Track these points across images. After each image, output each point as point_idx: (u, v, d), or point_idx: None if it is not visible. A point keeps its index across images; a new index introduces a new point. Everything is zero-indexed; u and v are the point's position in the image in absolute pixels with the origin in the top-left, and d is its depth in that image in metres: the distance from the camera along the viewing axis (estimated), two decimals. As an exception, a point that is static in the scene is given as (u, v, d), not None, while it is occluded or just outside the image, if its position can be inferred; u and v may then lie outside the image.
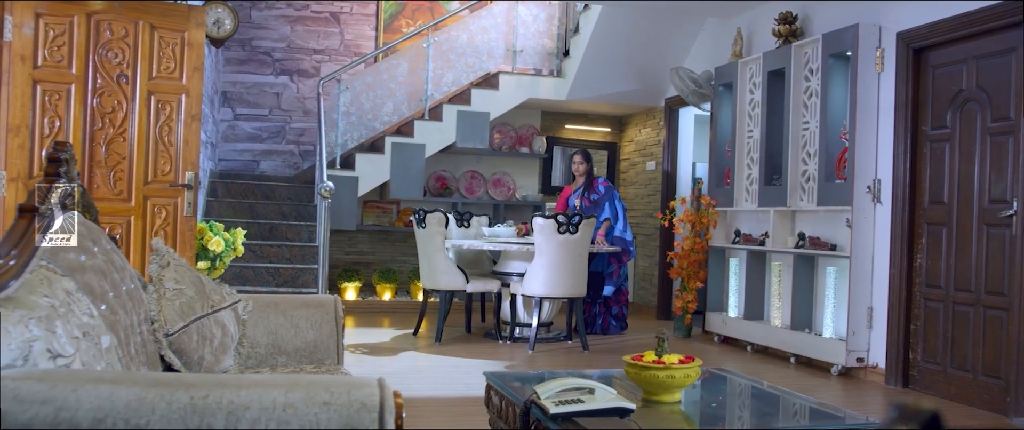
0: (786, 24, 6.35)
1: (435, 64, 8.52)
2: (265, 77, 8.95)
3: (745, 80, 6.81)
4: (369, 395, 1.58)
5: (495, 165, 9.49)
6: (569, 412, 2.30)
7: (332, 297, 3.04)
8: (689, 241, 7.24)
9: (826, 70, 5.86)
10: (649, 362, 2.58)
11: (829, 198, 5.78)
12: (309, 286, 6.92)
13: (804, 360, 6.01)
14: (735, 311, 6.90)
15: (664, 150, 8.62)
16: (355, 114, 8.44)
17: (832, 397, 5.13)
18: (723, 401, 2.89)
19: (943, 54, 5.17)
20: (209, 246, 5.06)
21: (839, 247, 5.79)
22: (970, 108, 4.97)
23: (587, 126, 9.84)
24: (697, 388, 2.99)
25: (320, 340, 2.91)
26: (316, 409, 1.55)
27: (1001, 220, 4.68)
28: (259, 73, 8.94)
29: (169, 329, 2.48)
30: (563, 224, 6.10)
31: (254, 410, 1.53)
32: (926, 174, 5.27)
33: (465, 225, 7.56)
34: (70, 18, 4.61)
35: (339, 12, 9.15)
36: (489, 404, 2.95)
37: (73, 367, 1.69)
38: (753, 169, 6.65)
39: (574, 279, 6.27)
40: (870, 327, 5.56)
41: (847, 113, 5.74)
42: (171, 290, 2.57)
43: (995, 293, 4.73)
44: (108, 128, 4.73)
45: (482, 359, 5.92)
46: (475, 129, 8.44)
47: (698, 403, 2.75)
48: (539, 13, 8.86)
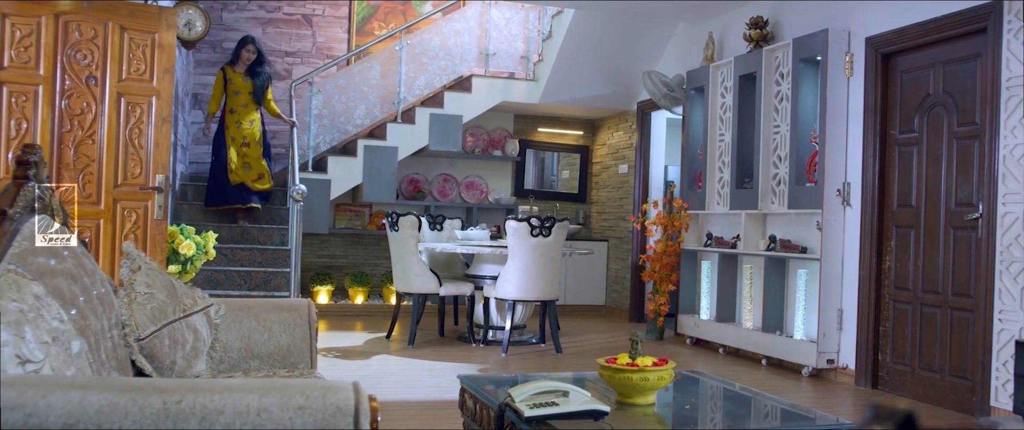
0: (757, 29, 6.41)
1: (408, 67, 8.51)
2: (236, 79, 8.86)
3: (716, 84, 6.87)
4: (344, 399, 1.57)
5: (468, 168, 9.49)
6: (544, 414, 2.30)
7: (305, 301, 3.02)
8: (661, 244, 7.28)
9: (796, 74, 5.92)
10: (623, 365, 2.60)
11: (800, 201, 5.84)
12: (281, 290, 6.87)
13: (775, 362, 6.06)
14: (707, 313, 6.95)
15: (636, 153, 8.66)
16: (327, 117, 8.41)
17: (803, 398, 5.18)
18: (697, 403, 2.91)
19: (911, 59, 5.25)
20: (180, 250, 5.01)
21: (810, 250, 5.85)
22: (937, 112, 5.04)
23: (560, 129, 9.86)
24: (671, 390, 3.00)
25: (293, 344, 2.89)
26: (291, 413, 1.54)
27: (967, 223, 4.76)
28: (230, 75, 8.85)
29: (140, 334, 2.46)
30: (536, 227, 6.11)
31: (228, 414, 1.52)
32: (895, 177, 5.34)
33: (438, 228, 7.55)
34: (37, 18, 4.54)
35: (311, 14, 9.10)
36: (463, 407, 2.95)
37: (43, 372, 1.67)
38: (725, 172, 6.70)
39: (547, 282, 6.28)
40: (840, 329, 5.63)
41: (817, 117, 5.81)
42: (142, 294, 2.55)
43: (962, 295, 4.80)
44: (77, 130, 4.66)
45: (455, 362, 5.91)
46: (448, 132, 8.43)
47: (672, 405, 2.77)
48: (512, 16, 8.87)
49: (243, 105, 7.56)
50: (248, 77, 7.58)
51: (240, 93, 7.56)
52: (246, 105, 7.56)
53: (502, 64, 8.81)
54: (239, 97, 7.56)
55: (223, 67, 7.64)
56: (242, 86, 7.56)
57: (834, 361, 5.62)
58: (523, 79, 8.78)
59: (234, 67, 7.60)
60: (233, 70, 7.58)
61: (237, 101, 7.56)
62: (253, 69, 7.59)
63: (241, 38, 7.71)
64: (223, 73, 7.59)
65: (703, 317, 6.97)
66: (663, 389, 2.88)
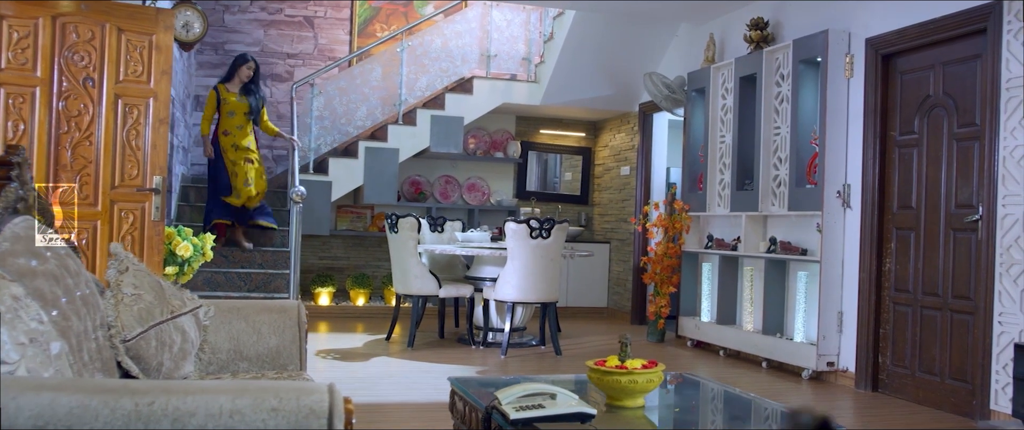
0: (757, 30, 6.38)
1: (409, 69, 8.51)
2: (238, 81, 8.87)
3: (717, 86, 6.84)
4: (318, 401, 1.56)
5: (470, 170, 9.48)
6: (529, 417, 2.29)
7: (296, 302, 3.01)
8: (662, 246, 7.25)
9: (797, 76, 5.90)
10: (612, 367, 2.58)
11: (800, 203, 5.82)
12: (281, 291, 6.87)
13: (775, 364, 6.03)
14: (708, 316, 6.92)
15: (638, 155, 8.64)
16: (329, 118, 8.41)
17: (802, 402, 5.15)
18: (687, 406, 2.89)
19: (911, 60, 5.22)
20: (177, 251, 5.01)
21: (810, 252, 5.82)
22: (937, 114, 5.01)
23: (562, 131, 9.85)
24: (664, 393, 2.98)
25: (283, 346, 2.88)
26: (264, 415, 1.53)
27: (967, 225, 4.72)
28: (232, 77, 8.86)
29: (126, 335, 2.45)
30: (536, 229, 6.09)
31: (200, 417, 1.51)
32: (895, 179, 5.31)
33: (439, 230, 7.54)
34: (35, 20, 4.55)
35: (313, 16, 9.11)
36: (453, 409, 2.94)
37: (17, 374, 1.66)
38: (725, 174, 6.68)
39: (547, 284, 6.27)
40: (840, 331, 5.60)
41: (817, 118, 5.78)
42: (129, 296, 2.54)
43: (961, 297, 4.77)
44: (74, 132, 4.67)
45: (454, 364, 5.90)
46: (449, 134, 8.42)
47: (661, 408, 2.74)
48: (513, 18, 8.86)
49: (238, 126, 7.08)
50: (243, 96, 7.11)
51: (235, 114, 7.06)
52: (241, 126, 7.08)
53: (503, 66, 8.80)
54: (234, 118, 7.07)
55: (216, 86, 7.12)
56: (237, 106, 7.06)
57: (834, 364, 5.59)
58: (524, 81, 8.77)
59: (228, 85, 7.11)
60: (227, 89, 7.09)
61: (231, 122, 7.06)
62: (248, 87, 7.13)
63: (238, 55, 7.23)
64: (216, 92, 7.06)
65: (704, 319, 6.95)
66: (656, 392, 2.86)
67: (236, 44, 8.88)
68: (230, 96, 7.07)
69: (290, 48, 9.04)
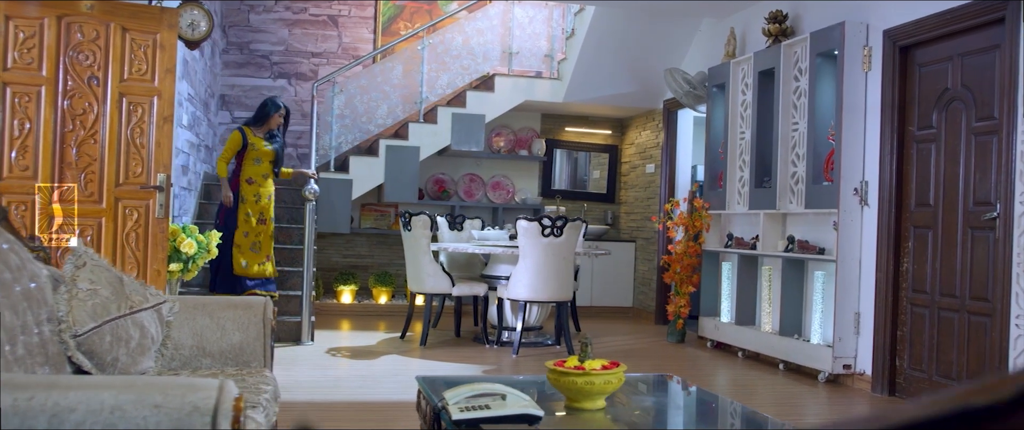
0: (776, 23, 6.22)
1: (430, 66, 8.48)
2: (263, 80, 8.96)
3: (737, 81, 6.69)
4: (204, 398, 1.52)
5: (494, 168, 9.43)
6: (472, 418, 2.22)
7: (262, 299, 2.98)
8: (682, 245, 7.12)
9: (814, 70, 5.73)
10: (569, 368, 2.50)
11: (817, 200, 5.65)
12: (296, 289, 6.89)
13: (793, 367, 5.87)
14: (727, 316, 6.77)
15: (663, 152, 8.50)
16: (349, 116, 8.42)
17: (816, 406, 5.00)
18: (651, 408, 2.80)
19: (929, 52, 5.03)
20: (181, 248, 5.04)
21: (827, 251, 5.65)
22: (955, 107, 4.82)
23: (588, 128, 9.74)
24: (636, 395, 2.89)
25: (247, 342, 2.85)
26: (146, 412, 1.49)
27: (985, 223, 4.53)
28: (257, 76, 8.95)
29: (77, 330, 2.44)
30: (548, 227, 6.02)
31: (80, 413, 1.48)
32: (913, 176, 5.13)
33: (458, 228, 7.50)
34: (40, 20, 4.61)
35: (338, 15, 9.14)
36: (419, 408, 2.89)
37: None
38: (745, 171, 6.53)
39: (559, 282, 6.19)
40: (857, 333, 5.42)
41: (834, 113, 5.61)
42: (84, 291, 2.53)
43: (979, 299, 4.58)
44: (79, 130, 4.72)
45: (464, 363, 5.86)
46: (470, 132, 8.38)
47: (622, 410, 2.65)
48: (535, 15, 8.79)
49: (263, 175, 6.54)
50: (269, 142, 6.57)
51: (262, 161, 6.52)
52: (267, 175, 6.56)
53: (525, 63, 8.73)
54: (260, 166, 6.52)
55: (242, 128, 6.54)
56: (264, 153, 6.52)
57: (851, 367, 5.41)
58: (547, 78, 8.69)
59: (256, 130, 6.55)
60: (255, 134, 6.52)
61: (257, 170, 6.51)
62: (272, 133, 6.61)
63: (269, 100, 6.62)
64: (243, 135, 6.47)
65: (724, 320, 6.80)
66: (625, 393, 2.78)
67: (261, 43, 8.96)
68: (258, 142, 6.51)
69: (314, 47, 9.09)
